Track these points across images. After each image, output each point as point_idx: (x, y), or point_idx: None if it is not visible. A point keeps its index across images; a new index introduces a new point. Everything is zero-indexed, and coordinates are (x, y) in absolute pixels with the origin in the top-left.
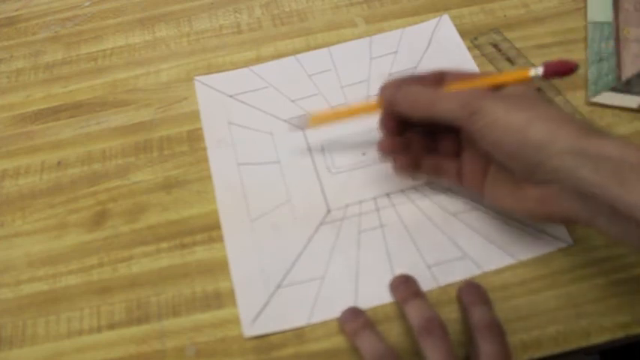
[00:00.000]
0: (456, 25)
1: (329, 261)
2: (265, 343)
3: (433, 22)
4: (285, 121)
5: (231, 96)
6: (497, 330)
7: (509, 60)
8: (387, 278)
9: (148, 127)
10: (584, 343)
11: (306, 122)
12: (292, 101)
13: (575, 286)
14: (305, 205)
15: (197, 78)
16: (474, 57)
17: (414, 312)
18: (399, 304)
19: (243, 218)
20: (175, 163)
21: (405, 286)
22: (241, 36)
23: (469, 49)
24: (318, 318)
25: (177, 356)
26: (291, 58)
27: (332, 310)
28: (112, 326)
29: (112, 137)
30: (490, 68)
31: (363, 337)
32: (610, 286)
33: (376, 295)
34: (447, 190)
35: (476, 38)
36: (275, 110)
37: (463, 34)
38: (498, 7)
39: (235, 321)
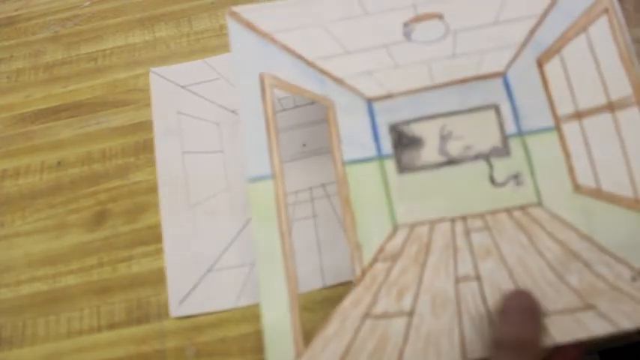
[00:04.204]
0: None
1: None
2: None
3: None
4: None
5: (183, 86)
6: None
7: None
8: (316, 267)
9: (148, 127)
10: None
11: None
12: None
13: None
14: (243, 194)
15: (153, 69)
16: None
17: None
18: None
19: (183, 204)
20: None
21: None
22: None
23: None
24: (244, 302)
25: (177, 356)
26: None
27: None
28: (112, 326)
29: (112, 137)
30: None
31: None
32: None
33: (305, 282)
34: None
35: None
36: (223, 101)
37: None
38: None
39: (235, 321)
